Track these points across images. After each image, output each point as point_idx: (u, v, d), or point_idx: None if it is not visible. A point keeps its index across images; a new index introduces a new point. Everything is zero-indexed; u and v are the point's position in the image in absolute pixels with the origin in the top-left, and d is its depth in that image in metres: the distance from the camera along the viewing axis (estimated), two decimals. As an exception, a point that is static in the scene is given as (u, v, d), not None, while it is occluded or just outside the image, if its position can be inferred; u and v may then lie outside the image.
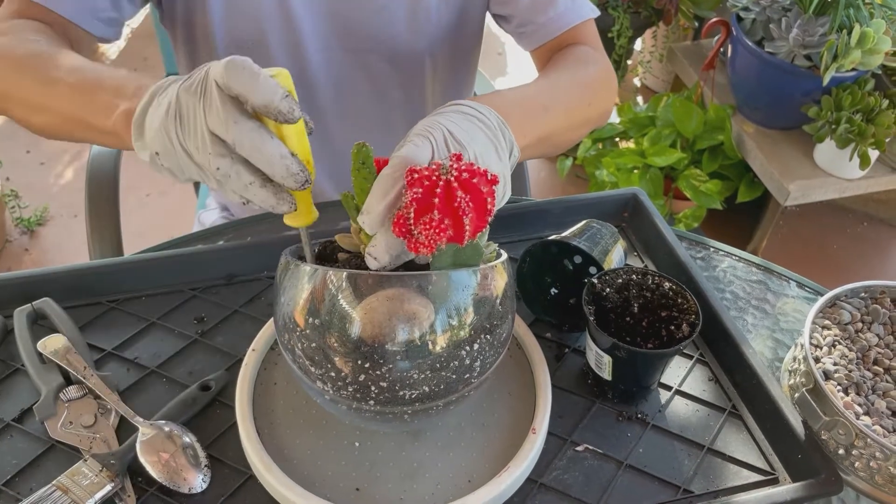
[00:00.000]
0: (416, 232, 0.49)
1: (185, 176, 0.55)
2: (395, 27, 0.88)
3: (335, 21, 0.87)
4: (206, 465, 0.61)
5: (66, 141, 0.70)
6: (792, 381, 0.67)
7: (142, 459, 0.59)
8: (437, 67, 0.94)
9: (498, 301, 0.56)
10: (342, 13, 0.86)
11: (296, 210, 0.54)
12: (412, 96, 0.95)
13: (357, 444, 0.63)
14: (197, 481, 0.60)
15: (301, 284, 0.55)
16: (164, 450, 0.60)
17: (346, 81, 0.92)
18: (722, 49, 1.85)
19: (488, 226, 0.53)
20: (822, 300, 0.69)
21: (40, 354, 0.67)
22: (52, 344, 0.67)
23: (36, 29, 0.72)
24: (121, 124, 0.59)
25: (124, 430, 0.63)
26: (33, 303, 0.71)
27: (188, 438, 0.62)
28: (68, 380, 0.66)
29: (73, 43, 0.75)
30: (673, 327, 0.67)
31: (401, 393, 0.54)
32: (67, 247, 2.01)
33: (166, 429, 0.62)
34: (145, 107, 0.55)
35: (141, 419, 0.62)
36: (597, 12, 0.89)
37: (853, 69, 1.55)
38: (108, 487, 0.58)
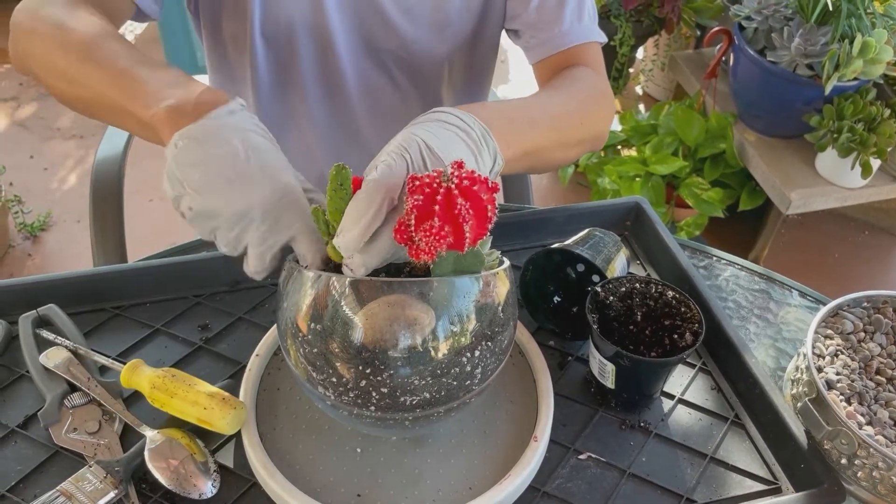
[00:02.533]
0: (416, 239, 0.49)
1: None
2: (419, 33, 0.90)
3: (363, 24, 0.88)
4: (215, 471, 0.61)
5: (93, 118, 0.68)
6: (794, 391, 0.67)
7: (150, 466, 0.59)
8: (454, 75, 0.96)
9: (500, 308, 0.56)
10: (370, 17, 0.88)
11: None
12: (429, 101, 0.98)
13: (359, 450, 0.63)
14: (207, 487, 0.60)
15: (304, 290, 0.55)
16: (173, 456, 0.60)
17: (371, 80, 0.94)
18: (724, 58, 1.86)
19: (490, 233, 0.53)
20: (824, 310, 0.69)
21: (45, 360, 0.67)
22: (53, 357, 0.67)
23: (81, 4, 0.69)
24: (161, 120, 0.57)
25: (129, 436, 0.64)
26: (38, 309, 0.72)
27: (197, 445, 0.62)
28: (73, 386, 0.66)
29: (110, 18, 0.73)
30: (676, 336, 0.67)
31: (402, 399, 0.54)
32: (70, 252, 2.01)
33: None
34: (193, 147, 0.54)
35: (148, 427, 0.63)
36: (604, 38, 0.89)
37: (855, 79, 1.55)
38: (112, 494, 0.58)
